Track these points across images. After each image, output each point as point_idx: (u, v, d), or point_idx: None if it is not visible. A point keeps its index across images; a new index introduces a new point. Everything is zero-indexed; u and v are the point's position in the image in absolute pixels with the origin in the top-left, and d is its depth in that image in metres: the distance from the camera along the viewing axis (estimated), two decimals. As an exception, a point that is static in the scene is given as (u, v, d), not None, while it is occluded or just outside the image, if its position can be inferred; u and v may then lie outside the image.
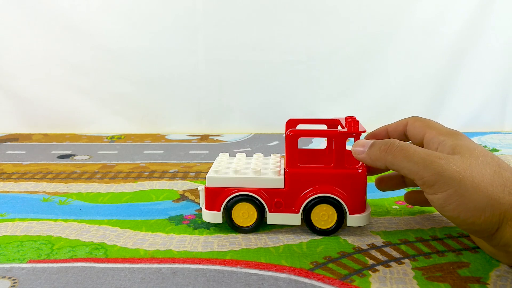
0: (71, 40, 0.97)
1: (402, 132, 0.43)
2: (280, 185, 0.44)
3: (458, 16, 0.96)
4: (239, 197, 0.44)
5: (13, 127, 0.99)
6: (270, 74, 1.00)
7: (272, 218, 0.44)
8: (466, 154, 0.34)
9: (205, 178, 0.49)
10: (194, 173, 0.66)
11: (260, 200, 0.44)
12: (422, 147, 0.38)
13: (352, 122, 0.42)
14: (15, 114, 1.00)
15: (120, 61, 0.98)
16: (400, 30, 0.97)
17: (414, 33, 0.97)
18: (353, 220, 0.43)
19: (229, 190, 0.44)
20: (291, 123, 0.49)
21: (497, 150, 0.78)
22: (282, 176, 0.44)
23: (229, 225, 0.45)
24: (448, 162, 0.33)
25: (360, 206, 0.43)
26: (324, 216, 0.43)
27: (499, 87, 1.00)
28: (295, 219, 0.44)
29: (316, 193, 0.43)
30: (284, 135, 0.44)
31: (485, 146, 0.80)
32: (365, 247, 0.41)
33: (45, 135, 0.95)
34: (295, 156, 0.43)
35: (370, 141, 0.38)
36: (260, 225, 0.45)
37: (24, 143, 0.89)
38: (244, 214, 0.44)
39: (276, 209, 0.44)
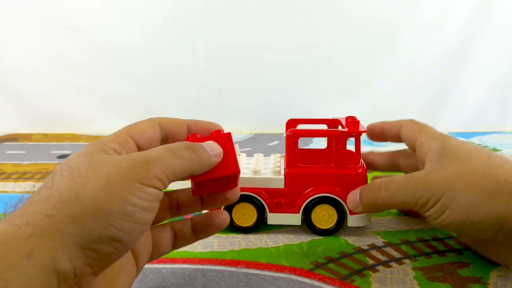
0: (71, 40, 0.97)
1: (396, 133, 0.43)
2: (281, 185, 0.43)
3: (459, 16, 0.96)
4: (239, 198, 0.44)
5: (13, 127, 0.99)
6: (270, 74, 1.00)
7: (273, 218, 0.44)
8: (451, 157, 0.34)
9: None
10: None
11: (260, 200, 0.43)
12: (415, 150, 0.39)
13: (352, 122, 0.42)
14: (15, 114, 1.00)
15: (120, 61, 0.98)
16: (401, 30, 0.97)
17: (414, 34, 0.97)
18: (353, 220, 0.43)
19: None
20: (292, 123, 0.49)
21: (497, 150, 0.77)
22: (283, 176, 0.44)
23: (229, 225, 0.44)
24: (430, 176, 0.33)
25: None
26: (324, 216, 0.43)
27: (500, 87, 1.00)
28: (295, 219, 0.44)
29: (317, 193, 0.43)
30: (285, 135, 0.44)
31: (485, 146, 0.80)
32: (365, 247, 0.41)
33: (45, 135, 0.95)
34: (295, 156, 0.43)
35: (358, 194, 0.38)
36: (260, 225, 0.45)
37: (23, 143, 0.88)
38: (245, 214, 0.44)
39: (276, 209, 0.44)
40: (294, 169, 0.43)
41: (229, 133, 0.31)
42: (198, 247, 0.41)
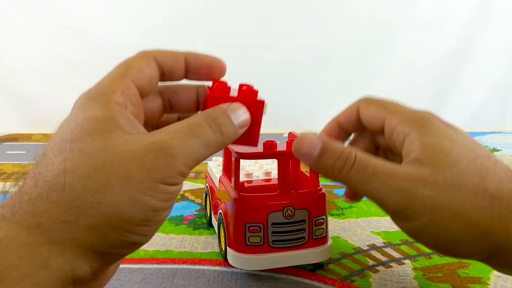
0: (71, 40, 0.97)
1: (355, 121, 0.33)
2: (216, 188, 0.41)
3: (459, 16, 0.96)
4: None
5: (13, 127, 0.99)
6: (270, 74, 1.00)
7: (212, 218, 0.43)
8: (440, 165, 0.26)
9: (204, 177, 0.51)
10: (194, 173, 0.66)
11: (210, 196, 0.44)
12: (383, 135, 0.31)
13: (268, 143, 0.36)
14: (15, 114, 1.00)
15: (120, 61, 0.98)
16: (401, 30, 0.97)
17: (415, 34, 0.97)
18: (230, 255, 0.36)
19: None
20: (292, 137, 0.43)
21: (497, 150, 0.77)
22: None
23: None
24: (416, 186, 0.25)
25: (240, 243, 0.35)
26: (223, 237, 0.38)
27: (500, 87, 1.00)
28: (216, 225, 0.41)
29: (218, 209, 0.39)
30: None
31: (485, 147, 0.80)
32: (365, 248, 0.41)
33: (45, 135, 0.95)
34: (229, 164, 0.39)
35: (319, 144, 0.27)
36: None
37: (24, 143, 0.88)
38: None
39: (213, 210, 0.43)
40: (221, 177, 0.40)
41: (262, 102, 0.27)
42: (198, 247, 0.41)
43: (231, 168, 0.37)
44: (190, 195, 0.56)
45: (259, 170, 0.43)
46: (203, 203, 0.49)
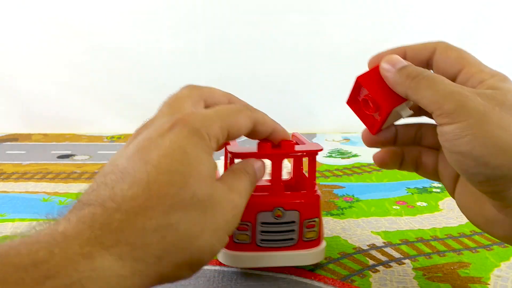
0: (71, 40, 0.97)
1: (425, 60, 0.34)
2: None
3: (458, 16, 0.96)
4: None
5: (13, 127, 0.99)
6: (270, 73, 1.00)
7: None
8: (503, 90, 0.28)
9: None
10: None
11: None
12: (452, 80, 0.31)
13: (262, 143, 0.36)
14: (15, 114, 1.00)
15: (121, 61, 0.98)
16: (400, 30, 0.97)
17: (413, 33, 0.97)
18: (226, 258, 0.36)
19: None
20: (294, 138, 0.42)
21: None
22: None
23: None
24: (475, 95, 0.27)
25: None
26: None
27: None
28: None
29: None
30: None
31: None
32: (365, 248, 0.41)
33: (45, 135, 0.95)
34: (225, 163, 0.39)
35: (404, 62, 0.31)
36: None
37: (23, 143, 0.88)
38: None
39: None
40: None
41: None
42: (198, 247, 0.41)
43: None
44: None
45: None
46: None
